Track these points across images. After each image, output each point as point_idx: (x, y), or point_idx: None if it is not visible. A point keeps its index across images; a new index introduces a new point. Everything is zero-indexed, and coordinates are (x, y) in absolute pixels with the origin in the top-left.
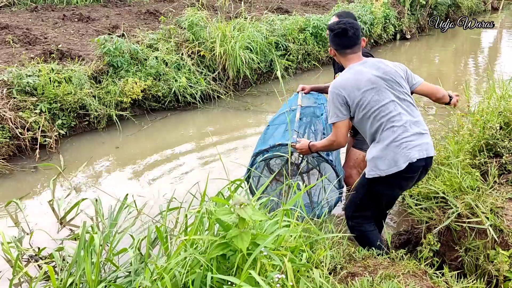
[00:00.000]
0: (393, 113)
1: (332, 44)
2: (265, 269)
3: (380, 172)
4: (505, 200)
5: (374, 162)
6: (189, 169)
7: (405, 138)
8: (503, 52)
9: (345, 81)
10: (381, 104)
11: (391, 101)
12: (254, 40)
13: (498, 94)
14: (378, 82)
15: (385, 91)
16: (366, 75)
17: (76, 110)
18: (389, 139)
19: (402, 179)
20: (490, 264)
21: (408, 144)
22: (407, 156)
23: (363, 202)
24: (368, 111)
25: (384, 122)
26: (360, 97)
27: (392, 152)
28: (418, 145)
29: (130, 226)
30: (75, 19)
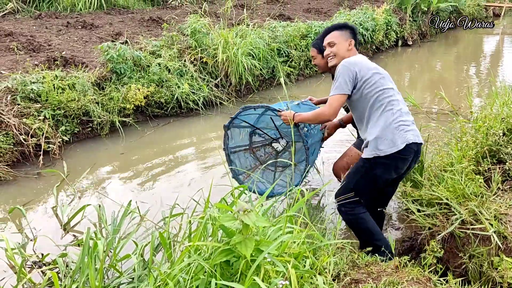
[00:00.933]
0: (393, 98)
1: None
2: (269, 276)
3: (379, 152)
4: (509, 206)
5: (375, 142)
6: (192, 175)
7: (402, 121)
8: (505, 59)
9: (358, 60)
10: (385, 87)
11: (391, 88)
12: (256, 46)
13: (500, 100)
14: (383, 71)
15: (388, 80)
16: (373, 63)
17: (80, 116)
18: (388, 120)
19: (399, 160)
20: (494, 271)
21: (404, 127)
22: (405, 137)
23: (358, 186)
24: (372, 90)
25: (385, 104)
26: (369, 75)
27: (391, 133)
28: (412, 130)
29: (133, 232)
30: (79, 26)
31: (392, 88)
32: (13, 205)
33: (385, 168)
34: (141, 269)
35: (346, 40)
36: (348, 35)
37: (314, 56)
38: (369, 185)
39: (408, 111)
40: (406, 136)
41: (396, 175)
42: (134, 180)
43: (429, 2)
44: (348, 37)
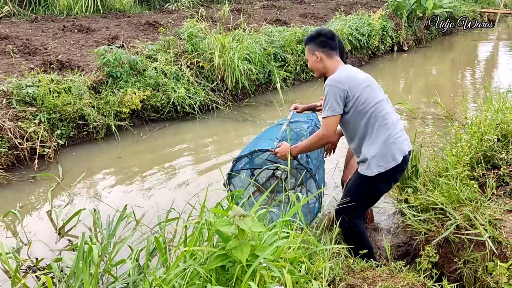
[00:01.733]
0: (385, 111)
1: (320, 46)
2: (264, 281)
3: (380, 168)
4: (503, 212)
5: (376, 160)
6: (188, 180)
7: (396, 134)
8: (499, 64)
9: (345, 76)
10: (376, 101)
11: (382, 100)
12: (253, 51)
13: (495, 106)
14: (372, 81)
15: (377, 90)
16: (361, 74)
17: (75, 120)
18: (384, 136)
19: (397, 172)
20: (489, 276)
21: (399, 139)
22: (401, 149)
23: (362, 201)
24: (366, 107)
25: (380, 119)
26: (360, 91)
27: (389, 149)
28: (405, 140)
29: (129, 237)
30: (75, 30)
31: (382, 99)
32: (8, 209)
33: (386, 182)
34: (136, 274)
35: (313, 54)
36: (314, 47)
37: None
38: (371, 199)
39: (398, 117)
40: (403, 149)
41: (392, 186)
42: (129, 184)
43: (424, 8)
44: (315, 50)
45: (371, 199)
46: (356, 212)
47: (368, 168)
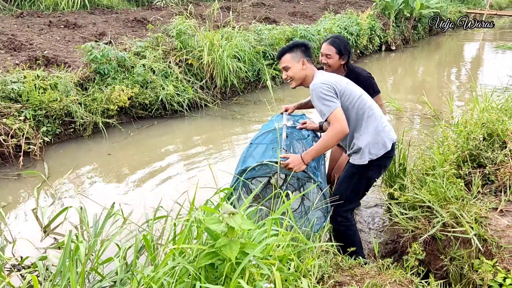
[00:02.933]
0: (369, 103)
1: (305, 54)
2: (254, 278)
3: (372, 156)
4: (489, 210)
5: (368, 148)
6: (176, 178)
7: (384, 123)
8: (485, 64)
9: (327, 77)
10: (359, 95)
11: (364, 94)
12: (242, 49)
13: (481, 106)
14: (349, 80)
15: (357, 87)
16: (337, 75)
17: (62, 117)
18: (374, 125)
19: (387, 159)
20: (475, 273)
21: (386, 127)
22: (390, 137)
23: (354, 192)
24: (352, 101)
25: (367, 110)
26: (344, 87)
27: (380, 137)
28: (392, 129)
29: (116, 235)
30: (61, 26)
31: (364, 93)
32: None
33: (378, 169)
34: (124, 272)
35: (298, 62)
36: (299, 55)
37: (331, 55)
38: (363, 188)
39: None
40: (391, 136)
41: (383, 173)
42: (117, 182)
43: (411, 8)
44: (300, 57)
45: (363, 188)
46: (349, 204)
47: (361, 157)
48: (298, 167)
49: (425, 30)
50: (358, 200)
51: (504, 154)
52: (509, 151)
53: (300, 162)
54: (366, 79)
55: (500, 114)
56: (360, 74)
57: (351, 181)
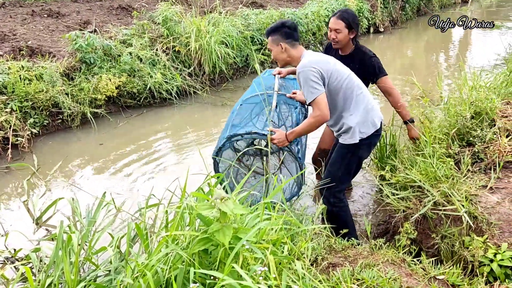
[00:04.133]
0: (357, 82)
1: (284, 37)
2: (248, 263)
3: (362, 135)
4: (479, 187)
5: (358, 127)
6: (167, 165)
7: (371, 102)
8: (472, 44)
9: (313, 58)
10: (347, 75)
11: (352, 74)
12: (230, 34)
13: (469, 84)
14: (336, 60)
15: (345, 68)
16: (324, 55)
17: (49, 108)
18: (363, 104)
19: (376, 137)
20: (466, 250)
21: (374, 106)
22: (378, 115)
23: (346, 172)
24: (340, 81)
25: (355, 89)
26: (332, 68)
27: (369, 115)
28: (377, 108)
29: (109, 225)
30: (45, 15)
31: (350, 72)
32: None
33: (367, 148)
34: (118, 261)
35: (277, 45)
36: (279, 38)
37: (340, 29)
38: (354, 168)
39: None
40: (378, 114)
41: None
42: (108, 172)
43: None
44: (280, 41)
45: (354, 168)
46: (341, 184)
47: (351, 136)
48: (282, 143)
49: (413, 11)
50: (350, 180)
51: (493, 132)
52: (497, 129)
53: (285, 140)
54: (371, 60)
55: (489, 92)
56: (366, 54)
57: (343, 161)
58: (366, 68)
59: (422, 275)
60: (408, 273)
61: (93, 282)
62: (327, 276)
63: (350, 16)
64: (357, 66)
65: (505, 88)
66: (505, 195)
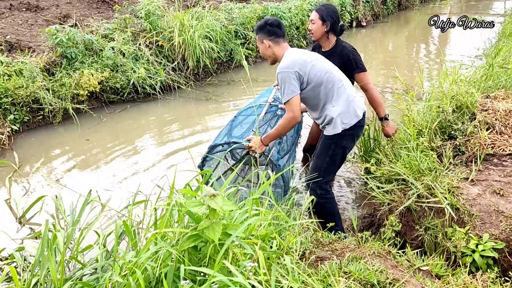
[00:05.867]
0: (338, 76)
1: (267, 34)
2: (237, 258)
3: (345, 125)
4: (460, 180)
5: (340, 118)
6: (153, 162)
7: (352, 94)
8: (452, 39)
9: (291, 59)
10: (326, 69)
11: (331, 68)
12: (213, 29)
13: (450, 79)
14: (316, 56)
15: (324, 61)
16: (304, 54)
17: (29, 104)
18: (345, 95)
19: (359, 128)
20: (448, 241)
21: (356, 98)
22: (361, 106)
23: (332, 163)
24: (319, 77)
25: (336, 82)
26: (309, 66)
27: (351, 106)
28: (361, 100)
29: (95, 222)
30: (23, 9)
31: (331, 66)
32: None
33: (351, 138)
34: (105, 259)
35: (262, 42)
36: (263, 36)
37: (314, 20)
38: (339, 159)
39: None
40: (361, 105)
41: (356, 141)
42: (92, 168)
43: None
44: (263, 38)
45: (339, 159)
46: (328, 176)
47: (334, 127)
48: (259, 149)
49: (394, 5)
50: (335, 171)
51: (473, 126)
52: (478, 122)
53: (261, 145)
54: (349, 55)
55: (469, 86)
56: (344, 48)
57: (327, 153)
58: (345, 63)
59: (407, 267)
60: (394, 265)
61: (79, 281)
62: (315, 269)
63: (326, 9)
64: (337, 61)
65: (485, 82)
66: (486, 187)
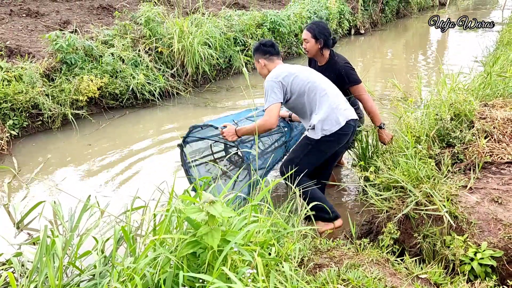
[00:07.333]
0: (322, 85)
1: (262, 54)
2: (235, 265)
3: (325, 131)
4: (459, 188)
5: (321, 124)
6: (151, 167)
7: (337, 102)
8: (449, 46)
9: (278, 72)
10: (311, 79)
11: (316, 78)
12: (212, 35)
13: (448, 87)
14: (302, 68)
15: (308, 73)
16: (291, 67)
17: (28, 109)
18: (327, 103)
19: (341, 136)
20: (447, 249)
21: (341, 106)
22: (345, 115)
23: (306, 161)
24: (302, 86)
25: (319, 91)
26: (292, 77)
27: (333, 113)
28: (348, 109)
29: (93, 228)
30: (23, 15)
31: (315, 77)
32: None
33: (330, 145)
34: (103, 265)
35: (258, 62)
36: (259, 56)
37: (307, 39)
38: (314, 160)
39: (340, 93)
40: (346, 114)
41: (337, 149)
42: (91, 174)
43: None
44: (259, 58)
45: (315, 159)
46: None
47: (314, 133)
48: (230, 137)
49: (392, 14)
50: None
51: (471, 134)
52: (476, 130)
53: (233, 134)
54: (342, 70)
55: (467, 94)
56: (337, 64)
57: (302, 151)
58: (339, 77)
59: (406, 275)
60: (392, 273)
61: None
62: (314, 277)
63: (318, 27)
64: (332, 75)
65: (483, 90)
66: (484, 195)
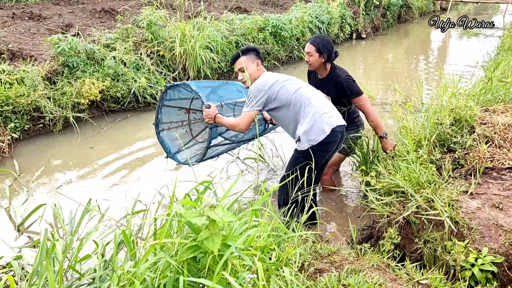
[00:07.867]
0: (307, 95)
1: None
2: (236, 270)
3: (312, 142)
4: (459, 193)
5: (306, 135)
6: (152, 171)
7: (322, 110)
8: (451, 51)
9: (265, 80)
10: (296, 88)
11: (301, 87)
12: (214, 39)
13: (449, 92)
14: (287, 77)
15: (294, 83)
16: (277, 76)
17: (30, 112)
18: (311, 113)
19: (329, 144)
20: (448, 254)
21: (326, 114)
22: (329, 123)
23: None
24: (288, 96)
25: (303, 101)
26: (279, 86)
27: (317, 123)
28: (333, 116)
29: (93, 231)
30: (26, 18)
31: (301, 87)
32: None
33: (319, 154)
34: (103, 269)
35: (253, 63)
36: (253, 57)
37: (311, 53)
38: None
39: (325, 100)
40: (330, 122)
41: (328, 156)
42: (92, 177)
43: None
44: (254, 59)
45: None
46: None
47: (301, 144)
48: (208, 119)
49: (394, 18)
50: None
51: (472, 139)
52: (477, 135)
53: (212, 118)
54: (343, 83)
55: (468, 100)
56: (339, 77)
57: (295, 164)
58: (339, 90)
59: (406, 280)
60: (393, 278)
61: None
62: (314, 282)
63: (321, 41)
64: (333, 88)
65: (484, 95)
66: (485, 201)
